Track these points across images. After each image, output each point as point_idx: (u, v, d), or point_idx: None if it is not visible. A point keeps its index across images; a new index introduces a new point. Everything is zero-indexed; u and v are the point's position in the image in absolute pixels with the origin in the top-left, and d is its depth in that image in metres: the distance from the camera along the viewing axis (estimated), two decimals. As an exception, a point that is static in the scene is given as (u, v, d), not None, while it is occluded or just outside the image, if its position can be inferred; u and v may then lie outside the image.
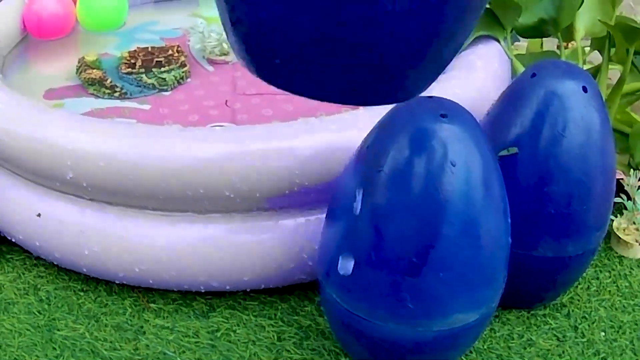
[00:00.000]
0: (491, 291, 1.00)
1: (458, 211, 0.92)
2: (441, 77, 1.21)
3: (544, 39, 1.54)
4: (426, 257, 0.92)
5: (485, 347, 1.12)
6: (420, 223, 0.91)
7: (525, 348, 1.12)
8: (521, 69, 1.32)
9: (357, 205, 0.94)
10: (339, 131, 1.07)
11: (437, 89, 1.16)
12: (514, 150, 1.07)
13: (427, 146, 0.91)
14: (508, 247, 1.00)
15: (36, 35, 1.48)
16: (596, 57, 1.54)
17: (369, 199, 0.94)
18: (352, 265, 0.95)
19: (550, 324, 1.17)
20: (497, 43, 1.32)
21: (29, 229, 1.15)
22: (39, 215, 1.13)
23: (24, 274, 1.22)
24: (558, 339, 1.14)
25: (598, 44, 1.47)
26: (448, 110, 0.93)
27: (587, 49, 1.51)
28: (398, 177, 0.92)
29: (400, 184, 0.92)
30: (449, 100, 0.97)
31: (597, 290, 1.23)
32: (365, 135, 1.01)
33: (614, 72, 1.49)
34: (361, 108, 1.11)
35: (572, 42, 1.60)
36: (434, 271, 0.93)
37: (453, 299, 0.96)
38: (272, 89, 1.39)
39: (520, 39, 1.48)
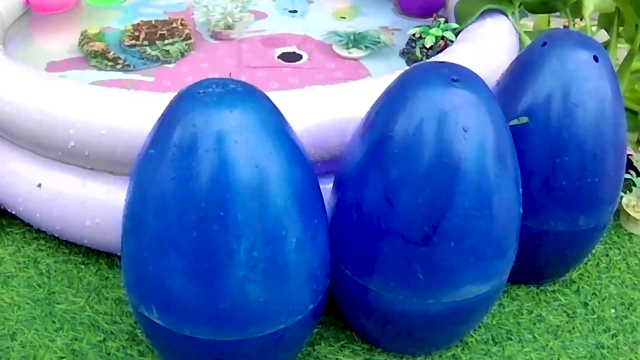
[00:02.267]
0: (502, 263, 0.98)
1: (471, 179, 0.89)
2: (449, 49, 1.21)
3: (551, 18, 1.52)
4: (437, 227, 0.90)
5: (494, 322, 1.10)
6: (431, 191, 0.89)
7: (534, 324, 1.10)
8: (529, 42, 1.30)
9: None
10: (345, 99, 1.05)
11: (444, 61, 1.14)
12: (525, 119, 1.04)
13: (438, 111, 0.88)
14: (520, 218, 0.98)
15: (38, 10, 1.46)
16: (603, 36, 1.52)
17: (379, 166, 0.92)
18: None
19: (560, 300, 1.15)
20: (505, 17, 1.29)
21: (30, 201, 1.12)
22: (39, 185, 1.11)
23: (23, 247, 1.19)
24: (568, 315, 1.12)
25: (606, 21, 1.45)
26: (460, 75, 0.91)
27: (594, 28, 1.49)
28: (408, 143, 0.89)
29: (411, 151, 0.89)
30: (461, 65, 0.95)
31: (607, 267, 1.21)
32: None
33: (621, 51, 1.47)
34: (368, 77, 1.09)
35: (576, 20, 1.60)
36: (446, 241, 0.90)
37: (464, 270, 0.94)
38: (278, 62, 1.38)
39: (528, 14, 1.45)
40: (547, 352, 1.05)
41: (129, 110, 1.02)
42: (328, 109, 1.04)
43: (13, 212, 1.18)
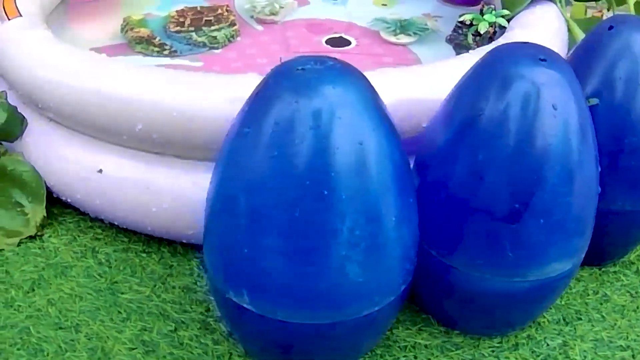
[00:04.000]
0: (582, 240, 0.99)
1: (559, 156, 0.89)
2: (506, 35, 1.22)
3: (587, 7, 1.55)
4: (527, 203, 0.90)
5: (563, 303, 1.11)
6: (522, 168, 0.89)
7: (601, 304, 1.11)
8: (576, 29, 1.32)
9: None
10: (419, 81, 1.05)
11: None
12: (595, 101, 1.06)
13: (529, 89, 0.88)
14: (597, 195, 0.99)
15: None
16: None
17: (468, 145, 0.92)
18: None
19: (622, 280, 1.16)
20: (553, 4, 1.31)
21: (89, 188, 1.08)
22: (100, 171, 1.07)
23: (79, 236, 1.15)
24: (631, 295, 1.14)
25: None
26: (546, 55, 0.92)
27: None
28: (499, 121, 0.89)
29: (502, 128, 0.89)
30: (544, 46, 0.96)
31: (662, 249, 1.24)
32: (447, 84, 0.99)
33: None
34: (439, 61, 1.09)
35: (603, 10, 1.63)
36: (535, 218, 0.91)
37: (550, 246, 0.94)
38: (326, 47, 1.38)
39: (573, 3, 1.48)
40: (616, 330, 1.07)
41: (202, 92, 1.00)
42: (401, 90, 1.04)
43: (68, 200, 1.14)
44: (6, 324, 1.01)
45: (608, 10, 1.65)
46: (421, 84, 1.04)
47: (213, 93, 1.00)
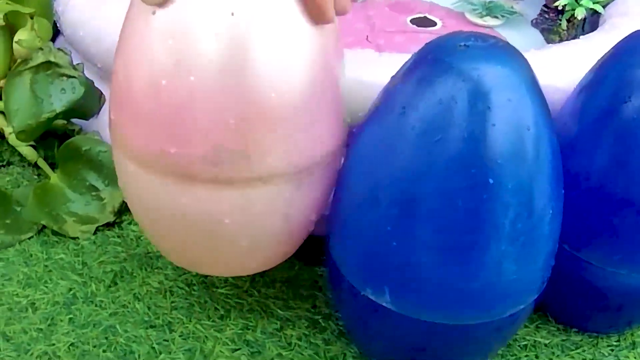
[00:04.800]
0: None
1: None
2: (610, 23, 1.18)
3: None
4: (674, 195, 0.86)
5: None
6: (671, 158, 0.85)
7: None
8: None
9: None
10: (547, 65, 0.99)
11: (605, 35, 1.11)
12: None
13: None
14: None
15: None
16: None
17: (612, 134, 0.87)
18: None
19: None
20: (643, -9, 1.28)
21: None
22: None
23: (162, 224, 1.05)
24: None
25: None
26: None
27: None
28: (648, 109, 0.85)
29: (652, 117, 0.84)
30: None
31: None
32: (574, 69, 0.94)
33: None
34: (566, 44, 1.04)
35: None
36: (678, 211, 0.87)
37: (688, 241, 0.91)
38: (412, 27, 1.30)
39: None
40: None
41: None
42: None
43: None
44: (88, 322, 0.91)
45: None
46: (548, 69, 0.98)
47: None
